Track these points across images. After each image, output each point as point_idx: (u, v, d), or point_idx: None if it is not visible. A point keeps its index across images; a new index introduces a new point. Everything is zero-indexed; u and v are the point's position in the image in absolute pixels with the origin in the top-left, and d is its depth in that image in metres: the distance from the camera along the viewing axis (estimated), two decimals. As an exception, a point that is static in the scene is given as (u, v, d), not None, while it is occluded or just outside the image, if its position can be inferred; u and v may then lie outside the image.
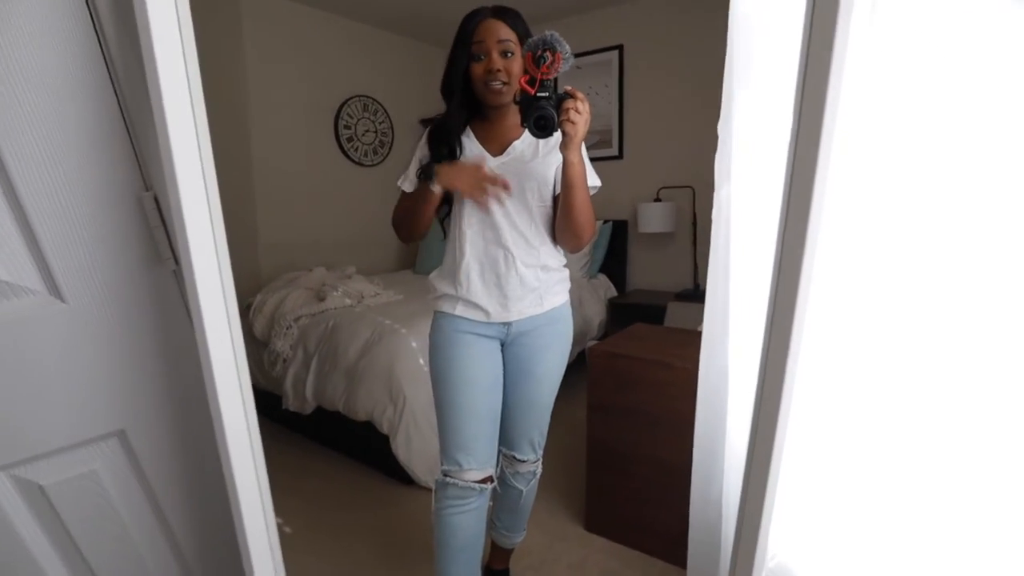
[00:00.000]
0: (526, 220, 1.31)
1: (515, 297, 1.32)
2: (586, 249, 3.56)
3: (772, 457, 0.76)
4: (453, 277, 1.34)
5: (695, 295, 3.40)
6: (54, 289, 0.67)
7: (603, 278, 3.74)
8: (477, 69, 1.23)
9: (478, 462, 1.33)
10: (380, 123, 4.04)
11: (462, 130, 1.32)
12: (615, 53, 3.71)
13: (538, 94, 1.08)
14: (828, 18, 0.52)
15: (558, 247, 1.39)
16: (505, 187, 1.21)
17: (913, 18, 0.67)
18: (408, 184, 1.35)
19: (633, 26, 3.63)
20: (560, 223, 1.29)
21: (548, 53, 1.06)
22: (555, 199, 1.32)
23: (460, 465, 1.32)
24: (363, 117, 3.93)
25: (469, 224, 1.30)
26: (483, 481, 1.35)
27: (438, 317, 1.40)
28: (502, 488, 1.53)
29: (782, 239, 0.66)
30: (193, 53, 0.62)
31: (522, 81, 1.10)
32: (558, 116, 1.08)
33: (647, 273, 3.84)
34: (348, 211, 3.88)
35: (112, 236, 0.67)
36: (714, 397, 1.11)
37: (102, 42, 0.64)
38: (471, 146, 1.31)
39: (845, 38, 0.53)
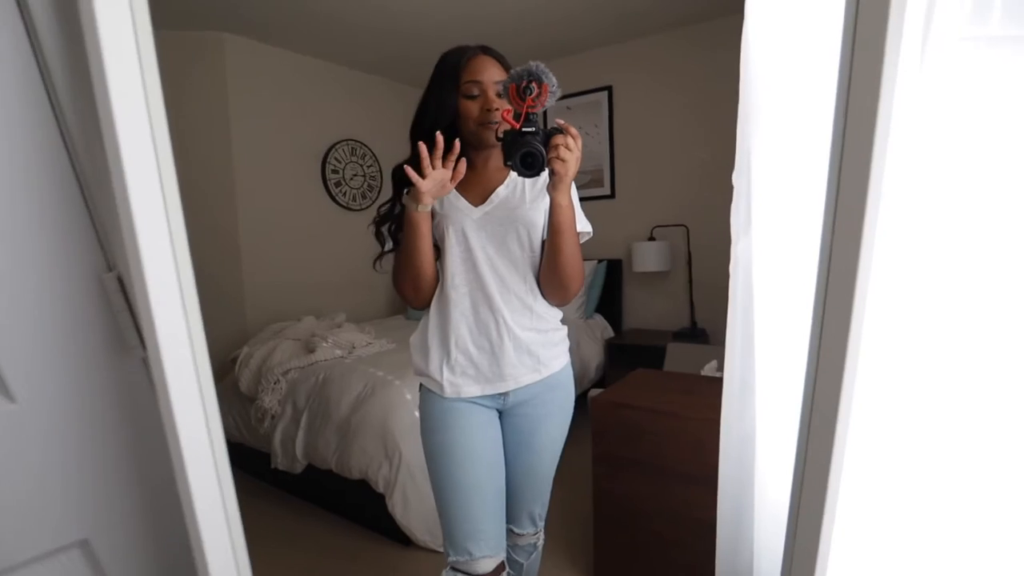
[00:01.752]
0: (515, 275, 1.18)
1: (511, 364, 1.19)
2: (582, 290, 3.51)
3: (821, 534, 0.67)
4: (440, 348, 1.21)
5: (693, 334, 3.33)
6: (0, 387, 0.58)
7: (599, 318, 3.68)
8: (471, 107, 1.12)
9: (490, 547, 1.18)
10: (368, 166, 4.02)
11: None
12: (604, 94, 3.74)
13: (524, 128, 0.97)
14: (873, 61, 0.47)
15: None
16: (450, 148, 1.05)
17: (971, 64, 0.61)
18: (389, 242, 1.21)
19: (622, 67, 3.66)
20: (546, 272, 1.17)
21: (534, 84, 0.96)
22: (543, 246, 1.20)
23: (471, 554, 1.16)
24: (351, 161, 3.90)
25: (454, 285, 1.17)
26: (496, 570, 1.19)
27: (426, 393, 1.26)
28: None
29: (824, 302, 0.59)
30: (161, 113, 0.55)
31: (505, 115, 1.00)
32: (547, 153, 0.98)
33: (643, 312, 3.78)
34: (337, 256, 3.81)
35: (69, 323, 0.58)
36: (739, 462, 1.02)
37: (53, 100, 0.56)
38: (450, 197, 1.18)
39: (892, 84, 0.47)
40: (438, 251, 1.21)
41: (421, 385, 1.28)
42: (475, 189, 1.19)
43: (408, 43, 3.47)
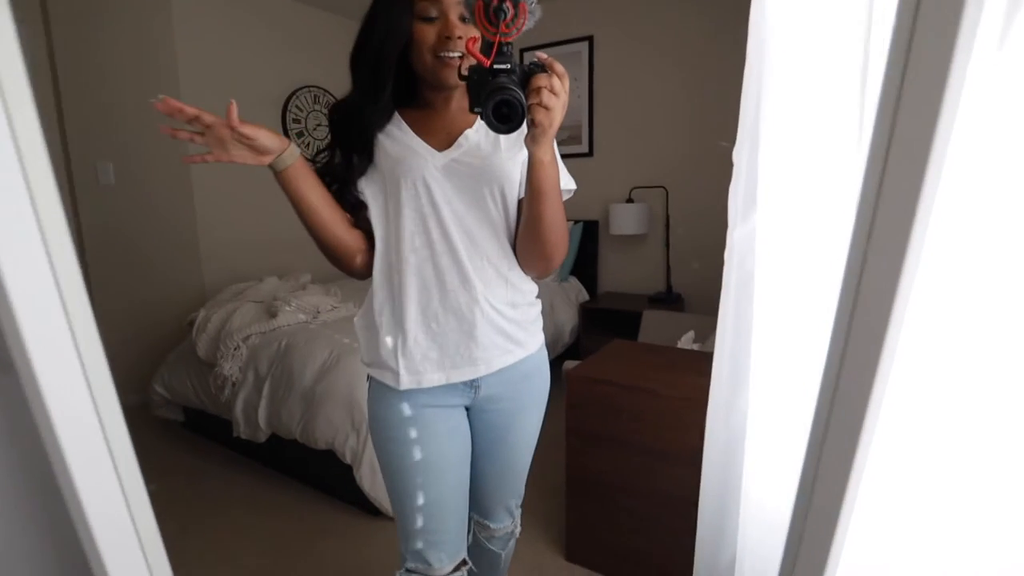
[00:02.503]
0: (491, 238, 0.99)
1: (482, 346, 1.00)
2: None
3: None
4: (393, 328, 1.00)
5: (669, 299, 3.29)
6: None
7: (574, 281, 3.61)
8: (426, 33, 0.89)
9: (449, 555, 1.08)
10: (335, 117, 3.78)
11: (386, 121, 0.97)
12: (585, 44, 3.54)
13: (495, 65, 0.75)
14: (941, 32, 0.36)
15: None
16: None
17: None
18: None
19: (605, 16, 3.46)
20: (524, 241, 0.97)
21: (508, 3, 0.74)
22: (518, 205, 1.01)
23: (429, 563, 1.06)
24: (314, 110, 3.66)
25: (413, 248, 0.96)
26: (456, 568, 1.10)
27: (377, 386, 1.06)
28: (476, 551, 1.28)
29: (855, 294, 0.50)
30: (21, 77, 0.40)
31: (469, 46, 0.79)
32: (526, 100, 0.76)
33: (619, 276, 3.72)
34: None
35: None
36: (726, 469, 0.96)
37: None
38: (404, 136, 0.97)
39: (964, 66, 0.37)
40: (356, 210, 1.01)
41: (370, 378, 1.08)
42: (437, 131, 0.98)
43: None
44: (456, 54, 0.89)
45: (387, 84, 0.93)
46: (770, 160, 0.80)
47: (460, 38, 0.89)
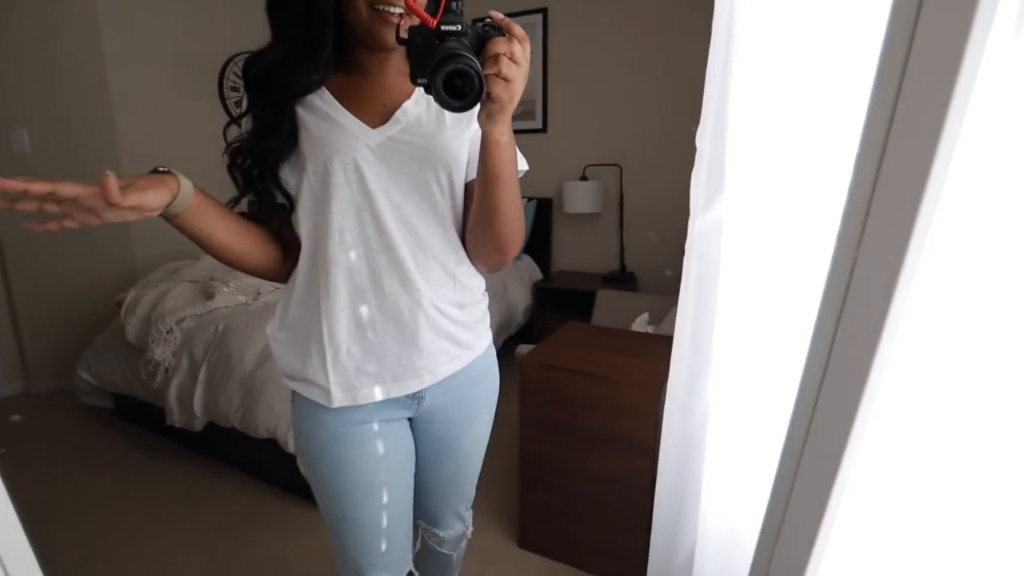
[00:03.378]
0: (435, 230, 0.86)
1: (426, 353, 0.89)
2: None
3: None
4: (321, 338, 0.86)
5: (623, 278, 3.30)
6: None
7: (528, 260, 3.57)
8: None
9: (393, 571, 1.00)
10: (277, 85, 3.56)
11: (316, 87, 0.81)
12: (539, 16, 3.44)
13: (443, 26, 0.63)
14: (949, 16, 0.32)
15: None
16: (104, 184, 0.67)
17: None
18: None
19: (558, -12, 3.36)
20: (476, 233, 0.85)
21: None
22: (466, 189, 0.88)
23: None
24: (255, 77, 3.43)
25: (342, 245, 0.82)
26: None
27: (304, 403, 0.92)
28: (425, 555, 1.19)
29: (846, 289, 0.46)
30: None
31: (410, 2, 0.65)
32: (481, 71, 0.63)
33: (572, 254, 3.70)
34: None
35: None
36: (686, 464, 0.94)
37: None
38: (329, 110, 0.81)
39: (979, 54, 0.33)
40: (285, 204, 0.86)
41: (294, 395, 0.94)
42: (369, 103, 0.83)
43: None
44: (398, 10, 0.75)
45: (325, 38, 0.77)
46: (737, 145, 0.76)
47: None
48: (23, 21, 2.63)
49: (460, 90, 0.63)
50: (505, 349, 2.98)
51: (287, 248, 0.90)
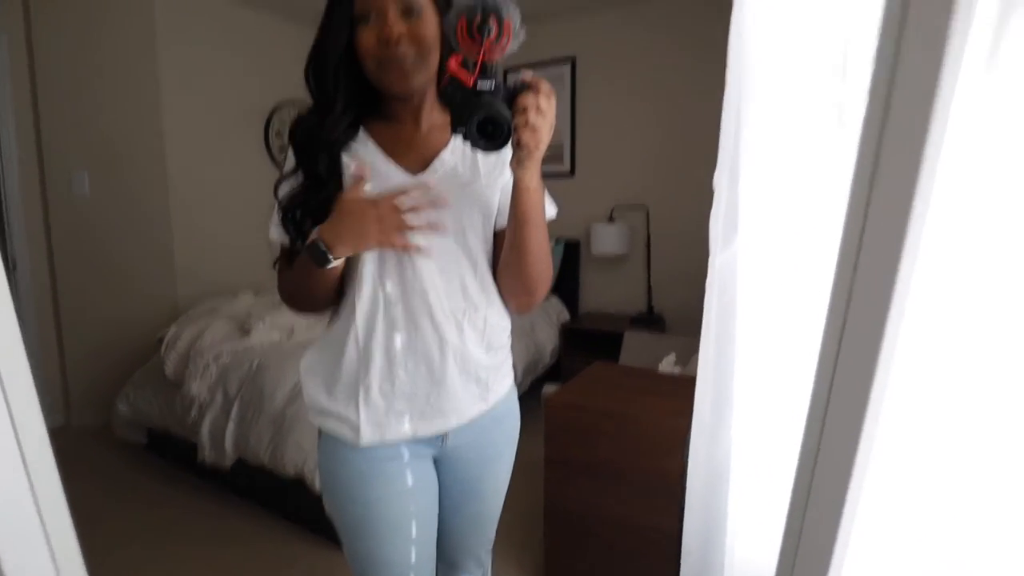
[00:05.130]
0: (470, 274, 0.91)
1: (454, 395, 0.92)
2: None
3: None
4: (354, 374, 0.90)
5: (650, 320, 3.28)
6: None
7: (555, 300, 3.58)
8: (365, 37, 0.81)
9: None
10: (316, 131, 3.74)
11: (348, 136, 0.88)
12: (567, 66, 3.56)
13: (479, 84, 0.72)
14: (927, 56, 0.34)
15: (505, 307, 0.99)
16: (440, 204, 0.81)
17: None
18: (277, 230, 0.91)
19: (586, 38, 3.49)
20: (506, 274, 0.90)
21: (492, 19, 0.70)
22: (496, 235, 0.94)
23: None
24: (297, 125, 3.62)
25: (380, 286, 0.87)
26: None
27: (331, 441, 0.94)
28: None
29: (844, 318, 0.48)
30: None
31: (453, 64, 0.73)
32: (512, 119, 0.72)
33: (600, 296, 3.70)
34: (281, 228, 3.55)
35: None
36: (713, 497, 0.93)
37: None
38: (372, 157, 0.87)
39: (952, 86, 0.35)
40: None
41: (321, 433, 0.97)
42: (408, 151, 0.89)
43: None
44: (398, 55, 0.81)
45: (337, 91, 0.85)
46: (751, 187, 0.79)
47: (401, 35, 0.80)
48: (92, 70, 2.86)
49: (491, 134, 0.72)
50: (532, 391, 2.97)
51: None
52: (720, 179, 0.84)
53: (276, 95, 3.47)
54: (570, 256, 3.61)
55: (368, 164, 0.86)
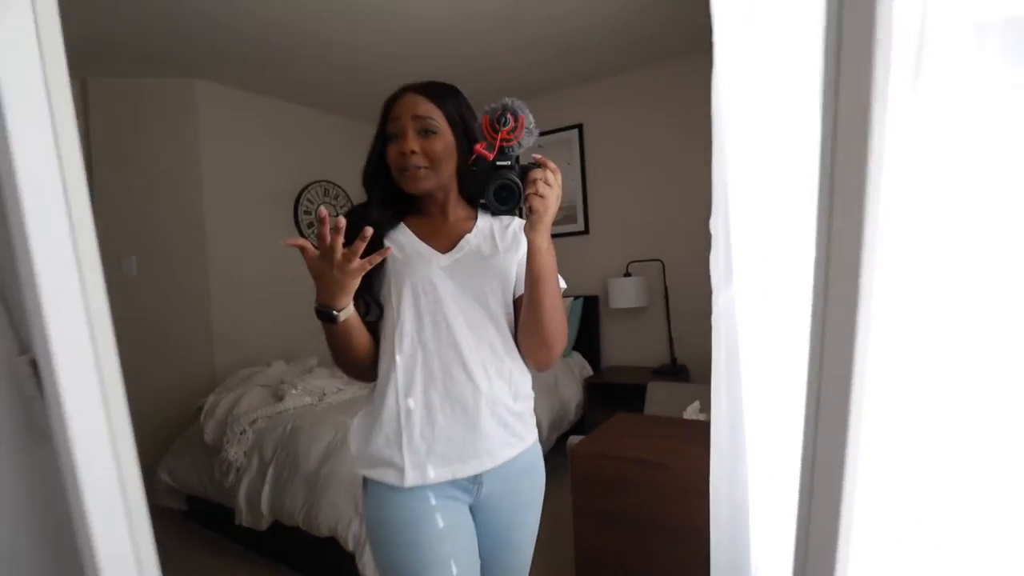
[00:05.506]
0: (494, 332, 1.05)
1: (486, 437, 1.02)
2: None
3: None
4: (397, 422, 1.00)
5: (674, 370, 3.30)
6: None
7: (577, 356, 3.63)
8: (392, 152, 1.02)
9: None
10: (341, 206, 3.97)
11: (390, 226, 1.08)
12: (575, 132, 3.77)
13: (498, 162, 0.89)
14: (862, 90, 0.44)
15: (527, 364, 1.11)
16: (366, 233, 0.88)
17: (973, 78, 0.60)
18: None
19: (592, 106, 3.72)
20: (526, 330, 1.03)
21: (510, 116, 0.90)
22: (515, 303, 1.08)
23: None
24: (324, 202, 3.86)
25: (420, 342, 1.01)
26: None
27: (376, 488, 1.03)
28: None
29: (821, 353, 0.56)
30: (79, 181, 0.49)
31: (479, 147, 0.91)
32: (523, 188, 0.89)
33: (622, 349, 3.75)
34: (309, 299, 3.70)
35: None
36: (733, 544, 0.97)
37: None
38: (410, 243, 1.06)
39: (883, 111, 0.44)
40: (379, 307, 1.07)
41: (366, 481, 1.05)
42: (439, 236, 1.07)
43: (378, 85, 3.48)
44: (416, 167, 1.00)
45: (375, 189, 1.07)
46: (740, 231, 0.88)
47: (414, 152, 0.99)
48: (142, 158, 3.15)
49: (505, 199, 0.90)
50: (558, 446, 2.98)
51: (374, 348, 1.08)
52: (716, 224, 0.94)
53: (304, 177, 3.74)
54: (589, 311, 3.69)
55: (404, 245, 1.06)
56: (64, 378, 0.47)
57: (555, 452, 2.82)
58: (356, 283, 0.91)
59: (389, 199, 1.08)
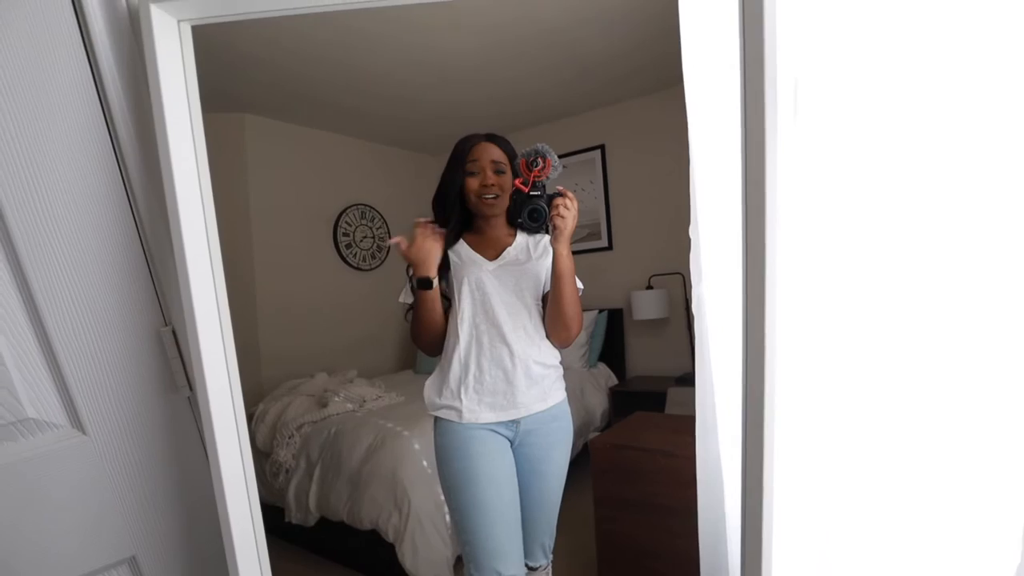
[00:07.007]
0: (526, 317, 1.37)
1: (522, 391, 1.34)
2: (583, 339, 3.62)
3: (763, 537, 0.77)
4: (458, 380, 1.36)
5: (695, 379, 3.40)
6: (76, 422, 0.72)
7: (603, 367, 3.76)
8: (472, 183, 1.36)
9: (515, 568, 1.31)
10: (377, 228, 4.22)
11: (454, 241, 1.42)
12: (598, 152, 3.97)
13: (531, 192, 1.25)
14: (758, 130, 0.61)
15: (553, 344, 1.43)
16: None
17: (829, 113, 0.84)
18: (405, 294, 1.43)
19: (613, 126, 3.90)
20: (551, 316, 1.36)
21: (540, 159, 1.23)
22: (544, 298, 1.40)
23: (499, 573, 1.29)
24: (360, 224, 4.11)
25: (473, 324, 1.36)
26: None
27: (442, 424, 1.39)
28: None
29: (746, 327, 0.72)
30: (210, 199, 0.70)
31: (517, 182, 1.26)
32: (549, 211, 1.23)
33: (646, 359, 3.87)
34: (348, 315, 3.97)
35: (133, 369, 0.73)
36: (712, 484, 1.12)
37: (126, 182, 0.73)
38: (467, 253, 1.40)
39: (775, 151, 0.62)
40: (447, 300, 1.42)
41: (437, 419, 1.41)
42: (488, 247, 1.42)
43: (410, 115, 3.74)
44: (491, 196, 1.36)
45: (451, 214, 1.40)
46: (705, 236, 1.06)
47: (493, 185, 1.36)
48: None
49: (536, 219, 1.25)
50: (582, 455, 3.11)
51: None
52: (694, 230, 1.13)
53: (342, 201, 4.01)
54: (614, 324, 3.83)
55: (462, 254, 1.41)
56: (204, 344, 0.67)
57: (578, 461, 2.94)
58: (439, 254, 1.33)
59: (457, 220, 1.41)
